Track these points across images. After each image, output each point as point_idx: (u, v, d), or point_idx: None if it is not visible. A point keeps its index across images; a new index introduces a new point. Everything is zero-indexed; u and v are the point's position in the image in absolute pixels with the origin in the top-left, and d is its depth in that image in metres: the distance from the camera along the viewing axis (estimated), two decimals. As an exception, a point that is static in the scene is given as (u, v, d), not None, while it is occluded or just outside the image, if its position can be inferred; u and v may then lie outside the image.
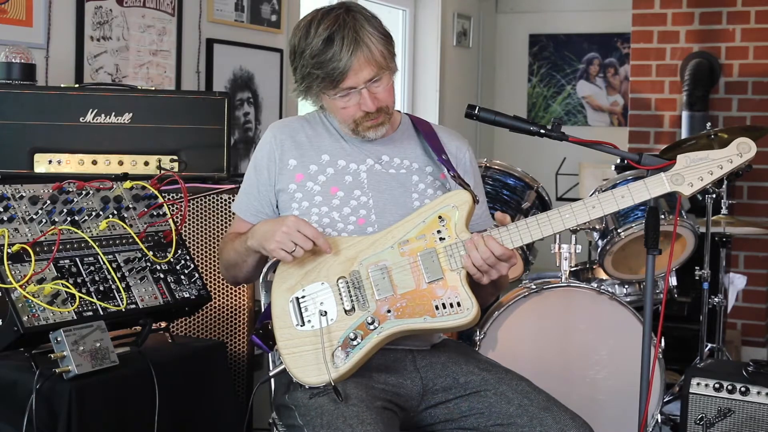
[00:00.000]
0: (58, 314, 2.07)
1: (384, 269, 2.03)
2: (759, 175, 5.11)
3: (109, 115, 2.74)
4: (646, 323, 2.08)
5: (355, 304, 2.02)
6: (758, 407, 2.77)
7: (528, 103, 6.34)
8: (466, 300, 1.98)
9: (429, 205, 2.07)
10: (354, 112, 2.10)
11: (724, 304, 3.93)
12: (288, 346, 2.03)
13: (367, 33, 2.04)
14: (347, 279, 2.04)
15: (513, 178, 3.41)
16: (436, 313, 1.99)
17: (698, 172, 1.95)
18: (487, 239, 1.98)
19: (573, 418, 2.01)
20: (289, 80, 4.25)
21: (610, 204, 2.00)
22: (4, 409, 2.08)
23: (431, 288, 2.00)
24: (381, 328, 2.00)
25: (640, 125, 5.43)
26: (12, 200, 2.17)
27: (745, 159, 1.94)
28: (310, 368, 2.00)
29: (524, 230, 2.00)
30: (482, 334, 3.03)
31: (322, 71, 2.04)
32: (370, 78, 2.05)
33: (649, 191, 1.98)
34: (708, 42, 5.22)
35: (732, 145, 1.95)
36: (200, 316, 2.79)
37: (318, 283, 2.05)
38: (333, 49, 2.01)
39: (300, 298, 2.05)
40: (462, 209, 2.03)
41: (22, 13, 3.06)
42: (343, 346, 2.00)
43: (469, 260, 1.98)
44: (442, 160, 2.18)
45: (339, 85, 2.05)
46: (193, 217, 2.79)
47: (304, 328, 2.03)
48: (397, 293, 2.01)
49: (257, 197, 2.22)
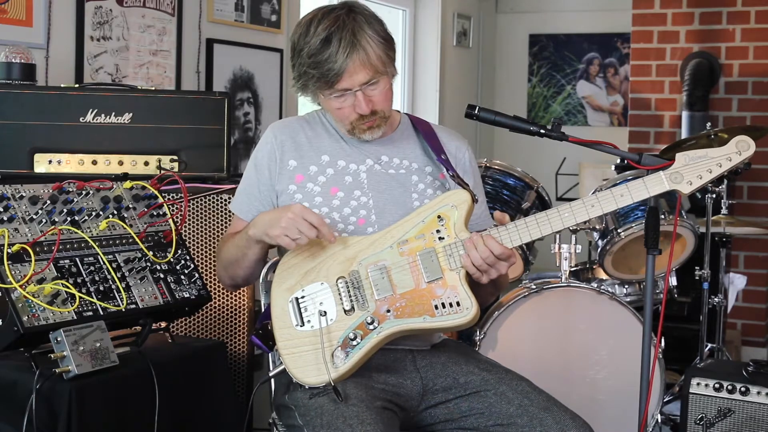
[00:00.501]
0: (58, 314, 2.07)
1: (383, 269, 2.03)
2: (759, 175, 5.11)
3: (109, 115, 2.74)
4: (646, 323, 2.08)
5: (354, 304, 2.02)
6: (758, 407, 2.77)
7: (528, 103, 6.34)
8: (466, 299, 1.98)
9: (428, 205, 2.07)
10: (349, 114, 2.10)
11: (724, 304, 3.93)
12: (287, 346, 2.03)
13: (366, 36, 2.03)
14: (347, 279, 2.04)
15: (513, 178, 3.41)
16: (435, 313, 1.99)
17: (697, 170, 1.95)
18: (486, 238, 1.98)
19: (573, 418, 2.01)
20: (289, 80, 4.25)
21: (609, 203, 1.99)
22: (4, 409, 2.08)
23: (430, 288, 2.00)
24: (381, 328, 2.00)
25: (640, 125, 5.43)
26: (12, 200, 2.17)
27: (744, 157, 1.94)
28: (309, 368, 1.99)
29: (523, 229, 2.00)
30: (482, 334, 3.03)
31: (317, 71, 2.04)
32: (365, 81, 2.05)
33: (648, 190, 1.98)
34: (708, 42, 5.22)
35: (731, 143, 1.95)
36: (200, 316, 2.79)
37: (317, 283, 2.05)
38: (329, 50, 2.01)
39: (299, 299, 2.05)
40: (461, 208, 2.03)
41: (22, 13, 3.06)
42: (342, 346, 1.99)
43: (469, 260, 1.98)
44: (441, 159, 2.18)
45: (334, 86, 2.05)
46: (193, 217, 2.79)
47: (303, 328, 2.03)
48: (396, 293, 2.01)
49: (258, 197, 2.21)
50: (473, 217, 2.13)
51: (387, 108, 2.13)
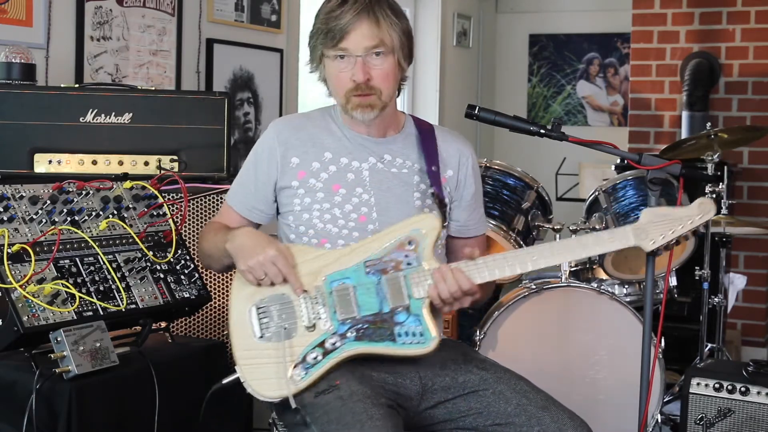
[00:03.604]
0: (58, 314, 2.07)
1: (348, 288, 2.02)
2: (759, 175, 5.11)
3: (109, 115, 2.75)
4: (646, 323, 2.08)
5: (316, 321, 2.01)
6: (758, 407, 2.76)
7: (528, 103, 6.34)
8: (428, 330, 1.99)
9: (398, 226, 2.05)
10: (345, 82, 2.09)
11: (724, 304, 3.93)
12: (245, 357, 2.02)
13: (383, 10, 2.07)
14: (310, 294, 2.03)
15: (513, 178, 3.41)
16: (397, 340, 1.99)
17: (660, 230, 2.00)
18: (456, 272, 1.98)
19: (571, 418, 2.01)
20: (289, 80, 4.26)
21: (577, 251, 2.03)
22: (4, 409, 2.08)
23: (394, 313, 2.00)
24: (341, 348, 1.99)
25: (640, 125, 5.43)
26: (12, 200, 2.17)
27: (705, 219, 2.01)
28: (269, 382, 1.99)
29: (492, 267, 2.01)
30: (482, 334, 3.03)
31: (326, 26, 2.07)
32: (369, 47, 2.05)
33: (615, 243, 2.02)
34: (708, 42, 5.22)
35: (694, 204, 2.01)
36: (200, 316, 2.79)
37: (279, 293, 2.04)
38: (342, 9, 2.05)
39: (260, 308, 2.04)
40: (431, 235, 2.02)
41: (22, 13, 3.06)
42: (302, 363, 1.99)
43: (436, 291, 1.99)
44: (430, 171, 2.18)
45: (338, 44, 2.06)
46: (193, 217, 2.79)
47: (263, 340, 2.02)
48: (359, 314, 2.01)
49: (254, 194, 2.22)
50: (461, 221, 2.18)
51: (386, 88, 2.11)
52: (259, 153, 2.22)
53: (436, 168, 2.19)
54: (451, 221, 2.26)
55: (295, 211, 2.16)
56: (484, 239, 2.38)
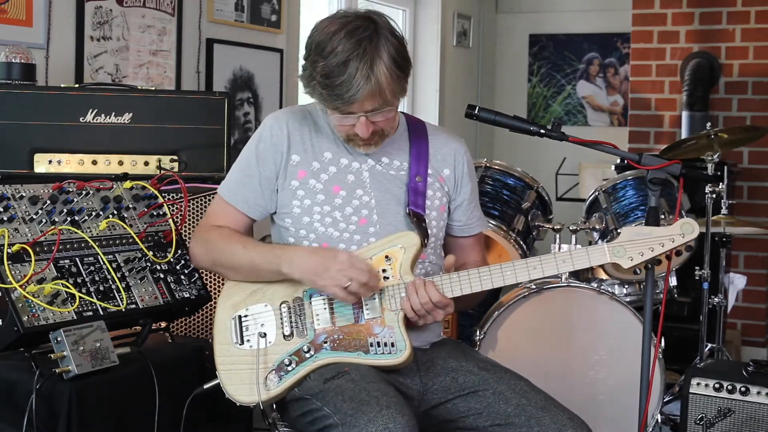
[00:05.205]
0: (58, 314, 2.07)
1: (326, 300, 2.07)
2: (759, 175, 5.11)
3: (109, 115, 2.74)
4: (646, 323, 2.08)
5: (294, 330, 2.07)
6: (758, 407, 2.76)
7: (528, 103, 6.34)
8: (401, 341, 2.04)
9: (378, 243, 2.09)
10: (348, 130, 2.07)
11: (724, 304, 3.93)
12: (225, 362, 2.09)
13: (384, 67, 1.96)
14: (290, 304, 2.08)
15: (513, 178, 3.41)
16: (370, 350, 2.04)
17: (640, 248, 2.01)
18: (427, 285, 2.02)
19: (571, 418, 2.01)
20: (289, 80, 4.26)
21: (551, 267, 2.05)
22: (4, 409, 2.08)
23: (369, 324, 2.05)
24: (316, 357, 2.05)
25: (640, 125, 5.43)
26: (12, 200, 2.17)
27: (686, 240, 2.01)
28: (243, 387, 2.06)
29: (465, 281, 2.05)
30: (482, 334, 3.03)
31: (327, 92, 1.98)
32: (371, 109, 2.01)
33: (590, 260, 2.04)
34: (708, 42, 5.22)
35: (676, 225, 2.01)
36: (200, 316, 2.79)
37: (261, 304, 2.10)
38: (344, 77, 1.94)
39: (242, 317, 2.10)
40: (409, 251, 2.07)
41: (22, 13, 3.06)
42: (277, 370, 2.05)
43: (408, 303, 2.02)
44: (413, 183, 2.16)
45: (340, 110, 2.02)
46: (193, 217, 2.79)
47: (242, 346, 2.08)
48: (335, 325, 2.07)
49: (259, 191, 2.16)
50: (463, 221, 2.20)
51: (390, 128, 2.12)
52: (261, 149, 2.15)
53: (422, 178, 2.17)
54: (452, 221, 2.26)
55: (294, 214, 2.14)
56: (482, 237, 2.38)
